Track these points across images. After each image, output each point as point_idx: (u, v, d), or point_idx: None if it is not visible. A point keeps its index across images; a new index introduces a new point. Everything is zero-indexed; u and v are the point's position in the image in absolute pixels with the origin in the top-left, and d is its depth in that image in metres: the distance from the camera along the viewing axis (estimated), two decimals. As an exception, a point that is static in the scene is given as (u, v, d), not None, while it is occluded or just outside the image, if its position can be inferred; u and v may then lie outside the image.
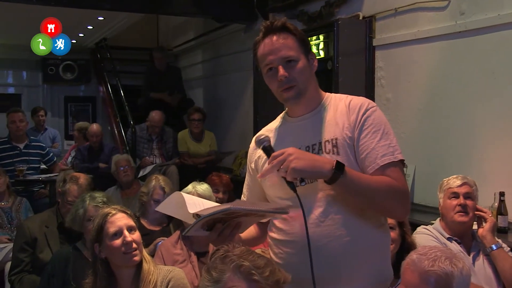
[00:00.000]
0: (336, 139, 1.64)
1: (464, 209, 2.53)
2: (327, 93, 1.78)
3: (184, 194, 1.60)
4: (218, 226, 1.54)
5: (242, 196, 1.92)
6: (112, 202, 2.83)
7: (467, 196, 2.55)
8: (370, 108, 1.67)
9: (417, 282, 1.53)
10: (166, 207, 1.76)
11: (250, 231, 1.82)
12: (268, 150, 1.59)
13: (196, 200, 1.60)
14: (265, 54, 1.68)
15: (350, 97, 1.73)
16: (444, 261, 1.54)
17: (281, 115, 1.83)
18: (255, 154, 1.82)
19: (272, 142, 1.74)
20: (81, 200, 2.80)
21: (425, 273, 1.53)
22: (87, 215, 2.69)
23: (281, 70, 1.65)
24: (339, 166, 1.50)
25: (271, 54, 1.66)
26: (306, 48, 1.70)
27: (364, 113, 1.65)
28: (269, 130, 1.82)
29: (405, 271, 1.59)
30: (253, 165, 1.83)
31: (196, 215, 1.51)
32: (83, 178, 3.42)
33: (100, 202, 2.74)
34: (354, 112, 1.66)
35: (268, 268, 1.34)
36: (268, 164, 1.53)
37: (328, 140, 1.64)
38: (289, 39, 1.67)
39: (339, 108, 1.69)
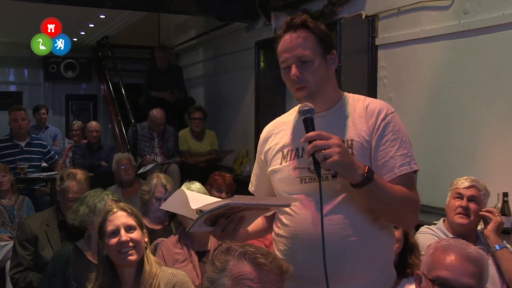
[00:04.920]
0: (352, 140, 1.63)
1: (465, 211, 2.52)
2: (345, 93, 1.77)
3: (187, 191, 1.60)
4: (221, 221, 1.55)
5: (250, 185, 1.91)
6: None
7: (472, 199, 2.53)
8: (390, 113, 1.67)
9: (460, 261, 1.56)
10: (169, 205, 1.77)
11: (257, 223, 1.81)
12: (308, 124, 1.55)
13: (199, 196, 1.60)
14: (282, 50, 1.67)
15: (368, 99, 1.73)
16: (475, 248, 1.60)
17: (296, 108, 1.81)
18: (265, 145, 1.81)
19: (286, 135, 1.74)
20: (97, 195, 2.76)
21: (466, 253, 1.56)
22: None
23: (293, 69, 1.64)
24: (370, 173, 1.50)
25: (287, 52, 1.65)
26: (325, 47, 1.67)
27: (383, 119, 1.65)
28: (283, 122, 1.80)
29: (439, 257, 1.59)
30: (262, 157, 1.82)
31: (199, 211, 1.51)
32: (80, 173, 3.39)
33: (117, 199, 2.76)
34: (373, 116, 1.66)
35: (271, 254, 1.38)
36: (308, 136, 1.49)
37: (343, 140, 1.62)
38: (307, 38, 1.65)
39: (357, 109, 1.68)
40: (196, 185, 3.04)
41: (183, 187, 3.00)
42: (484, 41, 3.23)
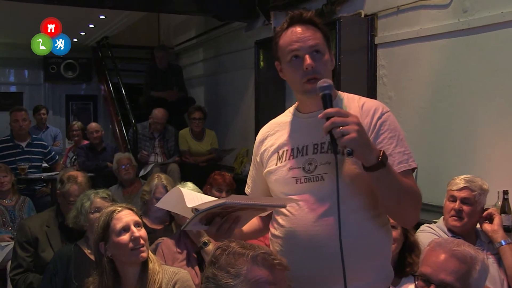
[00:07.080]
0: None
1: (458, 214, 2.52)
2: (339, 91, 1.76)
3: (183, 189, 1.59)
4: (217, 220, 1.54)
5: (246, 187, 1.91)
6: (115, 198, 2.86)
7: (465, 201, 2.53)
8: (386, 112, 1.66)
9: (442, 258, 1.57)
10: (165, 203, 1.77)
11: (253, 223, 1.81)
12: (327, 100, 1.53)
13: (195, 195, 1.59)
14: (291, 41, 1.65)
15: (363, 98, 1.72)
16: (468, 247, 1.61)
17: (290, 109, 1.80)
18: (261, 147, 1.80)
19: (281, 136, 1.74)
20: (85, 195, 2.82)
21: (451, 251, 1.57)
22: (92, 206, 2.71)
23: (308, 59, 1.61)
24: (384, 157, 1.48)
25: (299, 42, 1.64)
26: (328, 44, 1.69)
27: (379, 118, 1.64)
28: (278, 123, 1.80)
29: (427, 254, 1.63)
30: (258, 158, 1.81)
31: (195, 210, 1.51)
32: (81, 176, 3.40)
33: (106, 196, 2.78)
34: (368, 115, 1.64)
35: (274, 253, 1.39)
36: (326, 113, 1.47)
37: None
38: (317, 32, 1.67)
39: (352, 109, 1.66)
40: (189, 186, 3.04)
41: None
42: (483, 39, 3.23)
